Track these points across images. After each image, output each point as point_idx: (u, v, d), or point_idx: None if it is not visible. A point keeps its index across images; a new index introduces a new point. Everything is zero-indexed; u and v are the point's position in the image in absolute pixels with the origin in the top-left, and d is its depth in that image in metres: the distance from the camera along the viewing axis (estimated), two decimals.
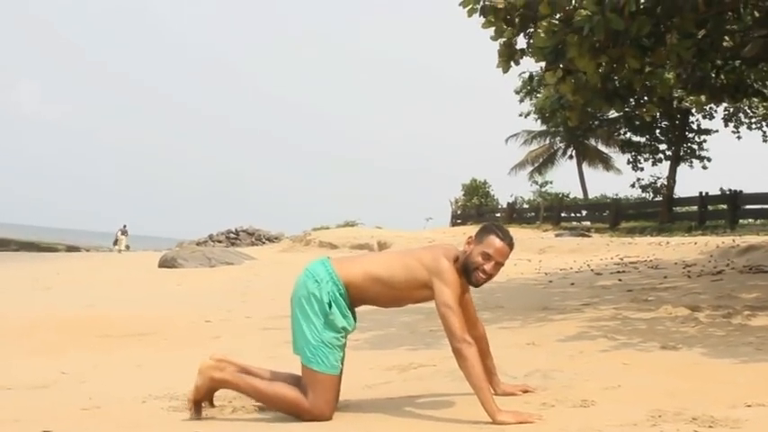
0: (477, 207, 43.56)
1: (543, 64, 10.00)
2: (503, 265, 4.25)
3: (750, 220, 24.84)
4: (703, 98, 13.09)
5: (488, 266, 4.17)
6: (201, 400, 4.17)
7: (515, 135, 47.45)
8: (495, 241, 4.19)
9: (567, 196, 41.56)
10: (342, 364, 4.15)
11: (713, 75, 11.23)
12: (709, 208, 25.89)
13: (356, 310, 4.28)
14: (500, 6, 9.24)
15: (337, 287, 4.15)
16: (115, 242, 46.36)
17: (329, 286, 4.14)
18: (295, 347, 4.21)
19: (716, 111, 35.47)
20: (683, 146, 36.82)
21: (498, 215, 40.15)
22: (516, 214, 38.72)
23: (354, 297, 4.22)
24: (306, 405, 4.07)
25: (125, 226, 46.81)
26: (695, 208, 26.60)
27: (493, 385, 4.29)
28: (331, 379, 4.09)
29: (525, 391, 4.43)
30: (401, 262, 4.25)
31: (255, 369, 4.41)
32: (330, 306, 4.12)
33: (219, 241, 45.75)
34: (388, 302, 4.39)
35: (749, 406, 3.86)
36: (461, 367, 3.92)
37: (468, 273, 4.20)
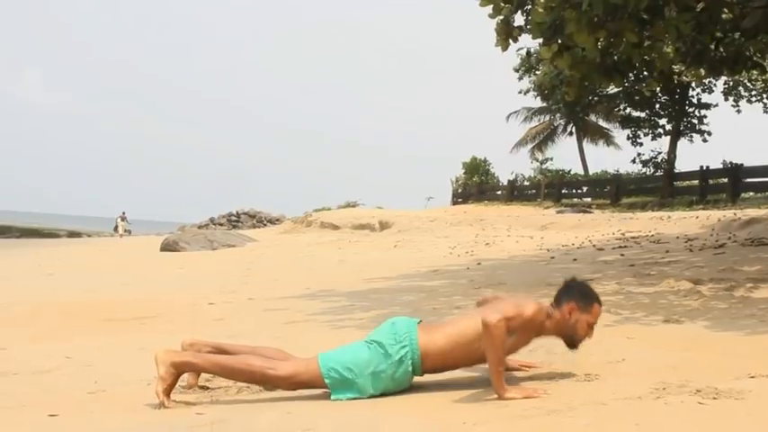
0: (477, 185, 43.53)
1: (541, 40, 9.97)
2: None
3: (751, 193, 24.82)
4: (702, 71, 13.04)
5: (591, 334, 4.27)
6: (170, 389, 4.10)
7: (515, 112, 47.43)
8: (598, 310, 4.29)
9: (568, 173, 41.52)
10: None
11: (712, 47, 11.19)
12: (710, 182, 25.88)
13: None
14: None
15: (413, 356, 4.13)
16: (116, 228, 46.66)
17: (400, 366, 4.11)
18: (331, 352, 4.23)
19: (715, 84, 35.45)
20: (683, 120, 36.77)
21: (499, 193, 40.12)
22: (517, 192, 38.69)
23: (432, 363, 4.18)
24: (272, 372, 4.12)
25: (124, 212, 47.18)
26: (696, 182, 26.60)
27: None
28: (319, 377, 4.10)
29: (530, 367, 4.45)
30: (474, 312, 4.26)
31: (229, 346, 4.44)
32: (388, 380, 4.10)
33: (221, 224, 45.83)
34: (464, 361, 4.25)
35: (752, 377, 3.86)
36: (486, 345, 3.89)
37: (571, 340, 4.25)
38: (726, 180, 24.73)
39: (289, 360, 4.27)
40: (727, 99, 36.15)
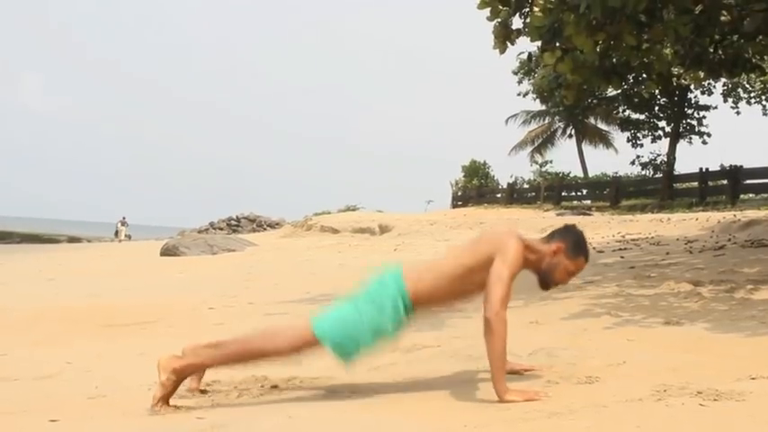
0: (477, 188, 43.54)
1: (539, 43, 9.97)
2: None
3: (751, 194, 24.82)
4: (701, 74, 13.05)
5: (567, 281, 4.26)
6: (168, 396, 4.09)
7: (514, 116, 47.52)
8: (582, 264, 4.25)
9: (568, 175, 41.55)
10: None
11: (711, 50, 11.20)
12: (710, 184, 25.89)
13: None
14: None
15: (404, 299, 4.14)
16: (116, 233, 46.95)
17: (393, 315, 4.13)
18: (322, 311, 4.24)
19: (714, 87, 35.51)
20: (682, 122, 36.81)
21: (499, 196, 40.14)
22: (517, 194, 38.71)
23: (421, 305, 4.20)
24: (270, 348, 4.14)
25: (124, 217, 47.60)
26: (696, 184, 26.59)
27: None
28: (313, 340, 4.10)
29: (528, 370, 4.44)
30: (468, 250, 4.22)
31: (226, 341, 4.42)
32: (386, 332, 4.12)
33: (221, 228, 45.77)
34: (455, 297, 4.27)
35: (753, 378, 3.87)
36: (486, 340, 3.86)
37: (545, 280, 4.25)
38: (725, 182, 24.73)
39: (284, 333, 4.26)
40: (726, 101, 36.20)
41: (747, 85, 35.03)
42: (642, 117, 38.38)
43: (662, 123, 37.88)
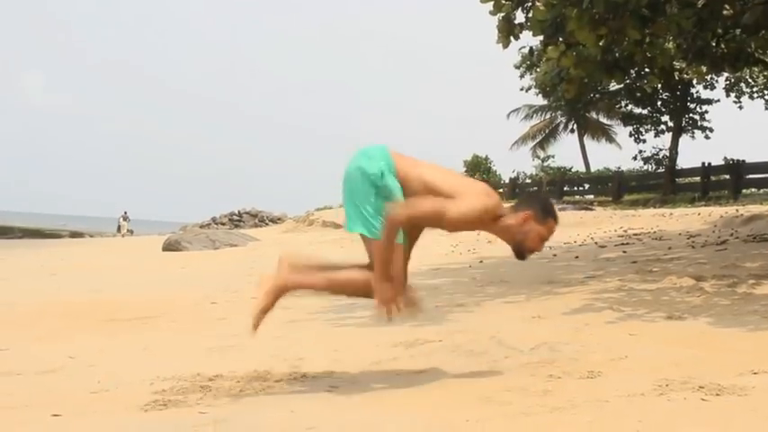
0: None
1: (542, 38, 9.97)
2: None
3: (753, 189, 24.83)
4: (704, 68, 13.04)
5: (541, 247, 4.22)
6: (265, 311, 4.22)
7: (516, 110, 47.44)
8: (552, 226, 4.24)
9: (570, 170, 41.53)
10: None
11: (713, 44, 11.18)
12: (712, 178, 25.87)
13: None
14: None
15: (389, 167, 4.10)
16: (118, 228, 47.15)
17: (381, 164, 4.10)
18: (352, 225, 4.18)
19: (717, 81, 35.47)
20: (684, 117, 36.77)
21: (501, 190, 40.13)
22: (519, 189, 38.65)
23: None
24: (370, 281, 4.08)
25: (126, 212, 47.74)
26: (698, 179, 26.60)
27: None
28: (399, 247, 4.07)
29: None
30: (454, 179, 4.19)
31: (322, 263, 4.46)
32: (382, 176, 4.06)
33: (223, 223, 45.82)
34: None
35: (756, 373, 3.87)
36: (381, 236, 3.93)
37: (519, 250, 4.21)
38: (728, 176, 24.72)
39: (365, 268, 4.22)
40: (728, 95, 36.14)
41: (750, 80, 34.95)
42: (644, 112, 38.35)
43: (664, 118, 37.85)
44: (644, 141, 38.36)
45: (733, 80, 35.11)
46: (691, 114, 37.06)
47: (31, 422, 3.89)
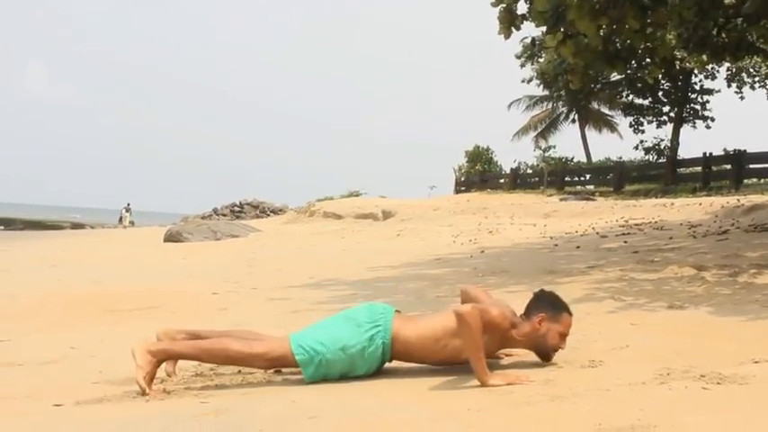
0: (480, 174, 43.48)
1: (544, 28, 9.95)
2: None
3: (754, 179, 24.80)
4: (705, 57, 13.01)
5: (563, 344, 4.22)
6: (150, 377, 4.12)
7: (517, 101, 47.37)
8: (568, 320, 4.24)
9: (571, 160, 41.46)
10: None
11: (714, 33, 11.16)
12: (714, 168, 25.84)
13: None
14: None
15: (384, 337, 4.18)
16: (120, 219, 47.25)
17: (357, 339, 4.16)
18: (304, 330, 4.28)
19: (718, 71, 35.34)
20: (685, 107, 36.70)
21: (502, 181, 40.10)
22: (520, 180, 38.63)
23: (400, 350, 4.24)
24: (246, 350, 4.19)
25: (128, 204, 47.88)
26: (699, 169, 26.57)
27: None
28: (288, 353, 4.16)
29: (508, 355, 4.47)
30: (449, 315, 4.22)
31: (203, 332, 4.50)
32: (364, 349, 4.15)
33: (224, 215, 45.88)
34: (434, 355, 4.26)
35: (756, 362, 3.87)
36: (463, 332, 3.93)
37: (544, 351, 4.21)
38: (729, 166, 24.69)
39: (263, 339, 4.33)
40: (730, 85, 36.04)
41: (752, 69, 34.86)
42: (646, 102, 38.26)
43: (666, 108, 37.77)
44: (643, 132, 38.29)
45: (735, 70, 35.01)
46: (692, 104, 36.98)
47: (32, 413, 3.90)
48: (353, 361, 4.15)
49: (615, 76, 33.74)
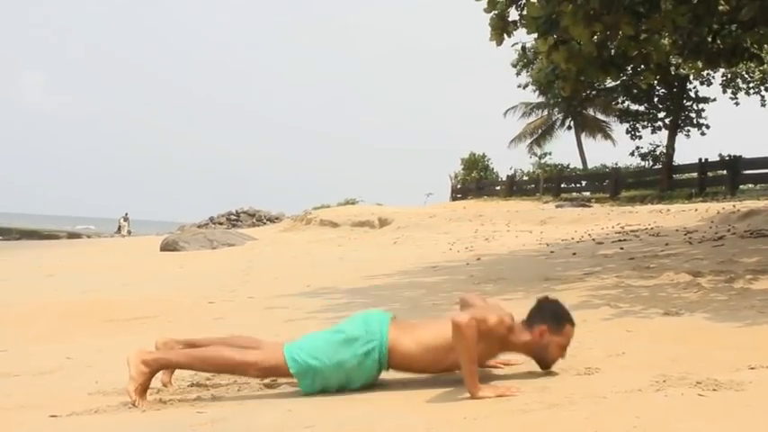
0: (476, 181, 43.54)
1: (536, 35, 9.96)
2: None
3: (750, 185, 24.81)
4: (700, 64, 13.04)
5: (564, 354, 4.19)
6: (142, 388, 4.11)
7: (513, 108, 47.43)
8: (570, 331, 4.20)
9: (567, 167, 41.52)
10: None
11: (709, 40, 11.18)
12: (709, 174, 25.88)
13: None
14: None
15: (381, 348, 4.14)
16: (118, 229, 47.40)
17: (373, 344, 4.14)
18: (299, 340, 4.25)
19: (713, 77, 35.43)
20: (681, 113, 36.77)
21: (498, 188, 40.14)
22: (516, 186, 38.70)
23: (398, 361, 4.20)
24: (239, 358, 4.16)
25: (126, 213, 48.14)
26: (695, 175, 26.58)
27: None
28: (282, 363, 4.13)
29: (507, 364, 4.44)
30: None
31: (201, 340, 4.49)
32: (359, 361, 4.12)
33: (221, 223, 45.80)
34: (433, 364, 4.23)
35: (752, 368, 3.87)
36: (457, 342, 3.88)
37: (543, 361, 4.18)
38: (725, 172, 24.72)
39: (258, 347, 4.29)
40: (725, 92, 36.12)
41: (746, 75, 34.95)
42: (641, 108, 38.35)
43: (661, 114, 37.87)
44: (640, 138, 38.39)
45: (730, 76, 35.11)
46: (687, 111, 37.06)
47: (28, 423, 3.89)
48: (350, 375, 4.12)
49: (610, 83, 33.80)
